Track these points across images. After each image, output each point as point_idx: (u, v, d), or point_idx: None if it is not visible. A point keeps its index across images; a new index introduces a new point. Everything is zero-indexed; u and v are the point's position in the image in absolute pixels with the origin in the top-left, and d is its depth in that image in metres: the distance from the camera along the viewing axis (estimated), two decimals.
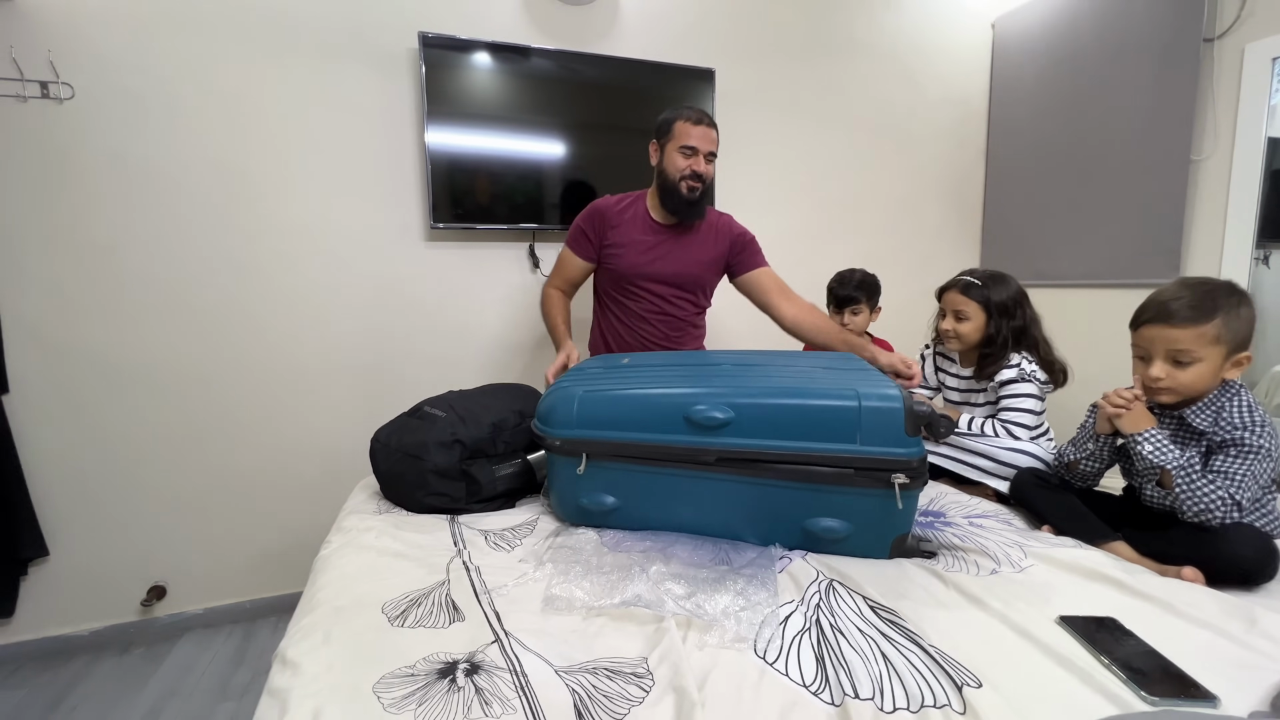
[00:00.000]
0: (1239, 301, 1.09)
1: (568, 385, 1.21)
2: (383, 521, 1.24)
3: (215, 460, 1.87)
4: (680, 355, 1.48)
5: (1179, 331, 1.09)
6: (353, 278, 1.94)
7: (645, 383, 1.18)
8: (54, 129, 1.63)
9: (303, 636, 0.84)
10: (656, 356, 1.44)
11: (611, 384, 1.19)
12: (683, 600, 0.91)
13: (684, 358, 1.41)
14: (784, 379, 1.15)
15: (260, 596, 1.96)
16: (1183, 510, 1.08)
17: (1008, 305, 1.55)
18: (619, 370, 1.28)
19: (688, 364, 1.32)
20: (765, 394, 1.08)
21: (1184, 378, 1.10)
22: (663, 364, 1.33)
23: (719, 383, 1.14)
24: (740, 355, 1.39)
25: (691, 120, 1.59)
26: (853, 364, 1.26)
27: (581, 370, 1.33)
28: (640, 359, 1.39)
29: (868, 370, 1.19)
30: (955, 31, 2.62)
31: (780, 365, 1.26)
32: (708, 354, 1.52)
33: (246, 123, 1.79)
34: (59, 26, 1.61)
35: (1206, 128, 2.01)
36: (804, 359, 1.35)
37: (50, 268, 1.67)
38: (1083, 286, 2.38)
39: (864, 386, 1.06)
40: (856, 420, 1.02)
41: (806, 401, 1.05)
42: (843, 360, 1.30)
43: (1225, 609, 0.88)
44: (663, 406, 1.11)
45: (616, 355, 1.52)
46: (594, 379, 1.23)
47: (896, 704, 0.70)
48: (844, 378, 1.12)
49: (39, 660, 1.73)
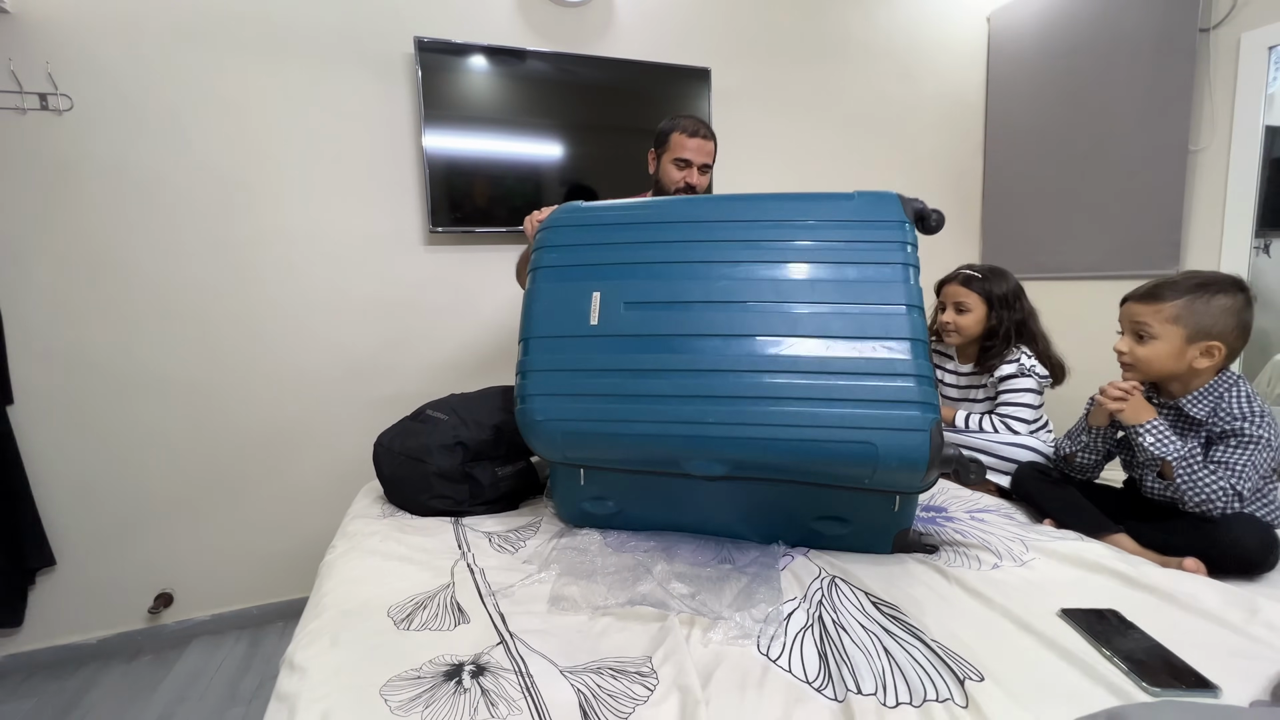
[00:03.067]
0: (1219, 292, 1.09)
1: (540, 408, 1.05)
2: (387, 525, 1.25)
3: (220, 467, 1.87)
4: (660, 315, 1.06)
5: (1140, 306, 1.15)
6: (354, 282, 1.95)
7: (630, 405, 1.00)
8: (54, 140, 1.64)
9: (310, 641, 0.85)
10: (631, 281, 1.06)
11: (589, 404, 1.03)
12: (687, 599, 0.92)
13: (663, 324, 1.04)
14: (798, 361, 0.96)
15: (267, 602, 1.97)
16: (1184, 501, 1.08)
17: (1008, 298, 1.56)
18: (589, 348, 1.05)
19: (668, 331, 1.03)
20: (769, 449, 0.95)
21: (1140, 352, 1.15)
22: (640, 334, 1.04)
23: (716, 393, 0.97)
24: (744, 283, 1.03)
25: (687, 132, 1.59)
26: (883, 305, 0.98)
27: (544, 339, 1.08)
28: (610, 311, 1.05)
29: (894, 355, 0.95)
30: (951, 26, 2.62)
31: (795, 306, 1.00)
32: (702, 283, 1.05)
33: (245, 130, 1.79)
34: (57, 38, 1.61)
35: (1204, 118, 2.01)
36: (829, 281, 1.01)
37: (53, 278, 1.67)
38: (1083, 279, 2.37)
39: (890, 418, 0.90)
40: (871, 469, 0.92)
41: (817, 451, 0.93)
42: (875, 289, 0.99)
43: (1226, 599, 0.89)
44: (656, 454, 1.01)
45: (586, 259, 1.10)
46: (564, 374, 1.05)
47: (899, 698, 0.70)
48: (869, 385, 0.93)
49: (48, 669, 1.74)
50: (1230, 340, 1.09)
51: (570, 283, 1.09)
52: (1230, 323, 1.09)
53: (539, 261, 1.13)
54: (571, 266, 1.10)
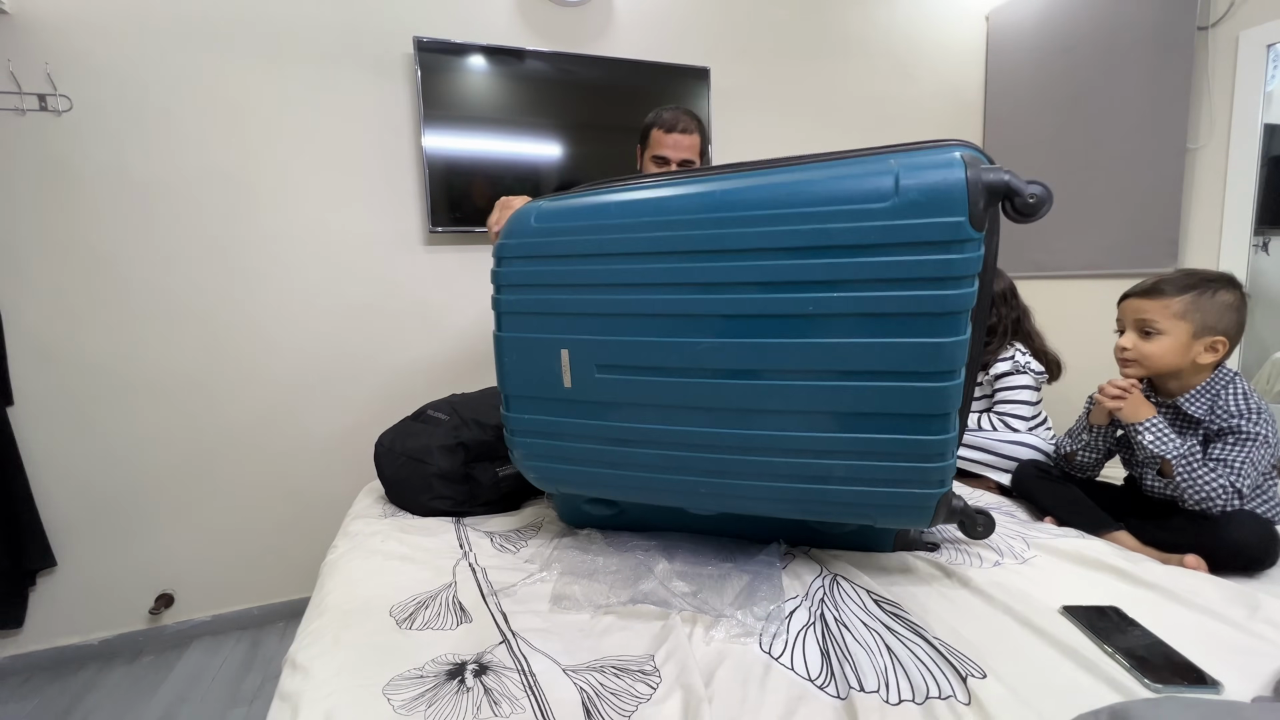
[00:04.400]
0: (1220, 288, 1.10)
1: (529, 464, 1.05)
2: (388, 525, 1.25)
3: (220, 467, 1.87)
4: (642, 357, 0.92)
5: (1146, 302, 1.14)
6: (354, 283, 1.95)
7: (618, 473, 0.97)
8: (53, 141, 1.63)
9: (312, 641, 0.85)
10: (603, 338, 0.93)
11: (576, 469, 1.00)
12: (689, 597, 0.92)
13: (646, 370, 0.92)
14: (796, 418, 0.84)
15: (268, 602, 1.96)
16: (1184, 499, 1.09)
17: (1003, 295, 1.56)
18: (567, 413, 0.98)
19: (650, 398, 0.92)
20: (765, 522, 0.94)
21: (1146, 348, 1.14)
22: (617, 403, 0.94)
23: (707, 472, 0.91)
24: (733, 346, 0.86)
25: (664, 127, 1.57)
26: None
27: (521, 398, 1.01)
28: (582, 373, 0.94)
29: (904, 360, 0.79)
30: (949, 25, 2.62)
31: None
32: (679, 350, 0.89)
33: (244, 131, 1.79)
34: (56, 39, 1.61)
35: (1202, 116, 2.01)
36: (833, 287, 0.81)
37: (53, 279, 1.67)
38: (1081, 277, 2.38)
39: (899, 495, 0.83)
40: (872, 526, 0.93)
41: (816, 523, 0.92)
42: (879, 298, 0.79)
43: (1227, 596, 0.89)
44: (649, 517, 1.09)
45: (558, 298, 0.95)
46: (547, 439, 1.01)
47: (902, 696, 0.71)
48: (883, 467, 0.82)
49: (49, 670, 1.74)
50: (1232, 336, 1.10)
51: (536, 335, 0.97)
52: (1232, 319, 1.10)
53: (500, 296, 1.00)
54: (534, 316, 0.97)
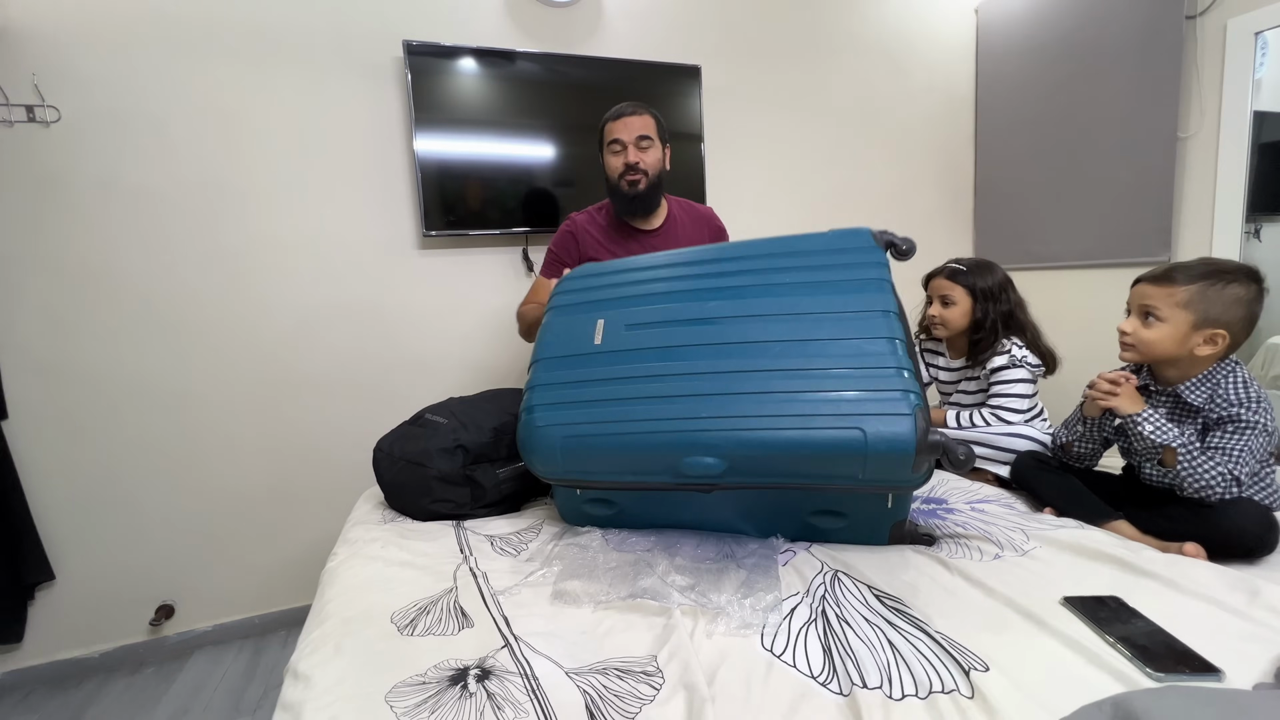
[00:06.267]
0: (1234, 281, 1.08)
1: (542, 416, 1.12)
2: (388, 531, 1.25)
3: (218, 476, 1.86)
4: (663, 310, 1.16)
5: (1153, 288, 1.15)
6: (348, 289, 1.94)
7: (627, 407, 1.06)
8: (42, 153, 1.62)
9: (313, 649, 0.84)
10: (633, 309, 1.17)
11: (590, 409, 1.09)
12: (688, 591, 0.92)
13: (665, 322, 1.14)
14: (787, 372, 1.01)
15: (269, 611, 1.96)
16: (1183, 487, 1.09)
17: (993, 290, 1.56)
18: (593, 363, 1.14)
19: (671, 343, 1.11)
20: (760, 442, 0.97)
21: (1145, 334, 1.15)
22: (639, 348, 1.12)
23: (708, 391, 1.02)
24: (735, 301, 1.12)
25: (611, 117, 1.54)
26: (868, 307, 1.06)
27: (552, 359, 1.18)
28: (613, 333, 1.15)
29: (884, 350, 1.00)
30: (939, 19, 2.62)
31: (784, 328, 1.06)
32: (696, 304, 1.15)
33: (234, 138, 1.78)
34: (43, 50, 1.60)
35: (1192, 105, 2.01)
36: (818, 297, 1.09)
37: (44, 291, 1.66)
38: (1076, 268, 2.38)
39: (874, 404, 0.94)
40: (862, 459, 0.94)
41: (807, 441, 0.95)
42: (858, 296, 1.08)
43: (1227, 583, 0.89)
44: (651, 456, 1.04)
45: (594, 295, 1.24)
46: (568, 386, 1.13)
47: (905, 691, 0.71)
48: (852, 377, 0.98)
49: (50, 684, 1.73)
50: (1236, 330, 1.09)
51: (579, 315, 1.21)
52: (1239, 313, 1.08)
53: (553, 304, 1.27)
54: (580, 304, 1.23)
